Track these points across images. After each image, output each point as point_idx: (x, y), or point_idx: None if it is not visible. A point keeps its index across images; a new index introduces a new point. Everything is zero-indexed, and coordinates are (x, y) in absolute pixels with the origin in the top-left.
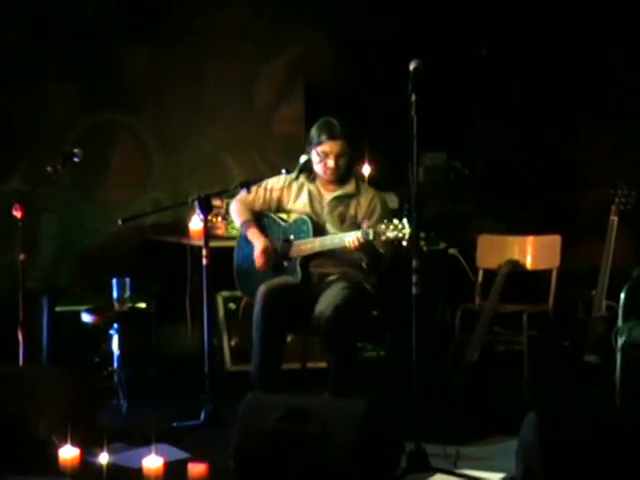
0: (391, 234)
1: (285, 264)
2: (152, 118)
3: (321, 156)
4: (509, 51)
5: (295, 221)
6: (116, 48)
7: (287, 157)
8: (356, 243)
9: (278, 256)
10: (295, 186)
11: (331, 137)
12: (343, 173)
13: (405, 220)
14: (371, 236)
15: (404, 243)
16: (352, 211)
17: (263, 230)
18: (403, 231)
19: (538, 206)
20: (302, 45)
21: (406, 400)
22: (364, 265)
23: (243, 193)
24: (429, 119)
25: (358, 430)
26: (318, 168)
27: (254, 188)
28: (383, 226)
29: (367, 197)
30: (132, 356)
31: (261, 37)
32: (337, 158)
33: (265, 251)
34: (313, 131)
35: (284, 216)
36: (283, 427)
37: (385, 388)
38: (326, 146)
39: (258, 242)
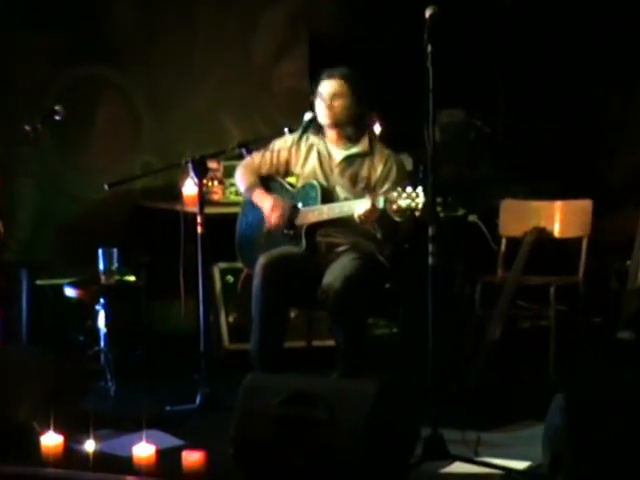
0: (403, 203)
1: (288, 232)
2: (140, 72)
3: (319, 99)
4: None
5: (303, 186)
6: None
7: (290, 115)
8: (368, 214)
9: (285, 222)
10: (304, 146)
11: (328, 76)
12: (343, 120)
13: (420, 188)
14: (381, 204)
15: (417, 213)
16: (365, 172)
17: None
18: (417, 200)
19: (567, 168)
20: None
21: (422, 382)
22: (378, 236)
23: (248, 158)
24: (446, 72)
25: (369, 414)
26: (320, 115)
27: (259, 152)
28: (395, 193)
29: (382, 157)
30: (120, 334)
31: None
32: (332, 98)
33: (276, 205)
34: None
35: (293, 180)
36: (286, 411)
37: (398, 368)
38: (322, 85)
39: (267, 200)
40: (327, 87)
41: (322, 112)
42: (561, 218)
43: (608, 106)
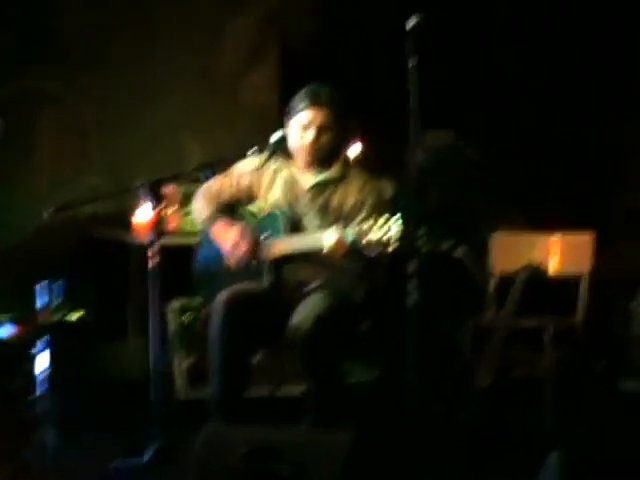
0: (375, 236)
1: (252, 267)
2: (89, 85)
3: (299, 127)
4: (534, 5)
5: (268, 215)
6: (49, 1)
7: (259, 133)
8: (334, 249)
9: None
10: (268, 171)
11: (314, 103)
12: (327, 152)
13: (394, 218)
14: (350, 237)
15: (390, 247)
16: (336, 201)
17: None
18: (389, 233)
19: (565, 198)
20: None
21: (402, 434)
22: (349, 274)
23: (205, 185)
24: (433, 89)
25: (341, 471)
26: (295, 145)
27: (218, 177)
28: (365, 225)
29: (357, 184)
30: (62, 380)
31: None
32: (320, 130)
33: (244, 233)
34: (293, 99)
35: (255, 208)
36: (249, 467)
37: (376, 418)
38: (306, 114)
39: (229, 230)
40: (313, 118)
41: (305, 147)
42: (558, 253)
43: (612, 130)
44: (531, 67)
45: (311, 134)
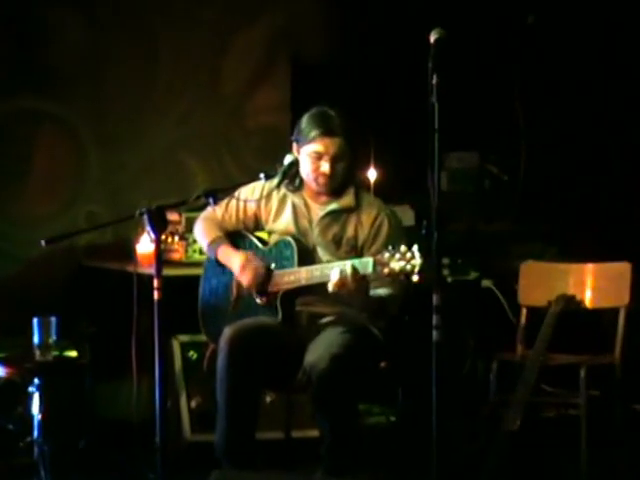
0: (396, 265)
1: (261, 301)
2: (87, 105)
3: (312, 157)
4: (564, 18)
5: (276, 244)
6: (40, 14)
7: (267, 158)
8: (340, 284)
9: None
10: (276, 197)
11: (327, 132)
12: (341, 182)
13: (416, 247)
14: (370, 267)
15: (414, 278)
16: (350, 231)
17: None
18: (412, 262)
19: (601, 224)
20: (287, 9)
21: None
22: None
23: (209, 209)
24: (456, 108)
25: None
26: (307, 173)
27: (223, 202)
28: (387, 254)
29: (370, 213)
30: (58, 422)
31: None
32: (334, 160)
33: (249, 262)
34: (303, 124)
35: (264, 236)
36: None
37: (396, 465)
38: (320, 144)
39: (236, 257)
40: (328, 148)
41: (319, 177)
42: (594, 284)
43: None
44: (559, 82)
45: (327, 165)
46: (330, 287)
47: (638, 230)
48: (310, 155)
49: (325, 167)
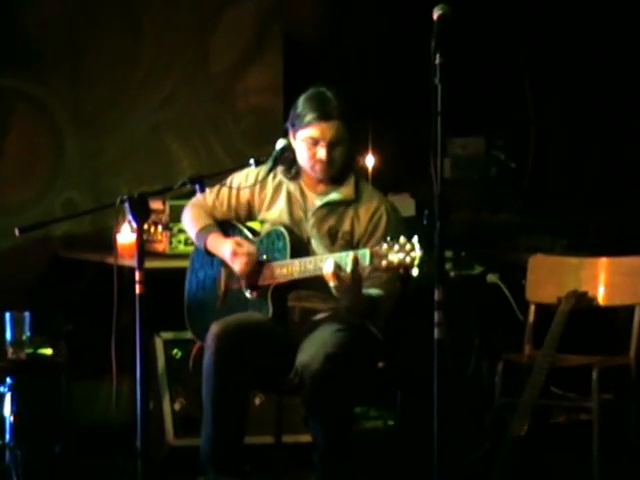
0: (395, 257)
1: (251, 295)
2: (66, 87)
3: (308, 143)
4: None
5: (268, 234)
6: None
7: (258, 142)
8: (334, 277)
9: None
10: (271, 185)
11: (323, 116)
12: (340, 169)
13: (416, 238)
14: (367, 260)
15: (413, 272)
16: (347, 225)
17: None
18: (412, 254)
19: (615, 216)
20: None
21: None
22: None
23: (199, 196)
24: (460, 90)
25: None
26: (303, 160)
27: (213, 190)
28: (385, 246)
29: (369, 207)
30: (32, 425)
31: None
32: (331, 146)
33: (240, 247)
34: (298, 108)
35: (256, 226)
36: None
37: (394, 473)
38: (316, 129)
39: (226, 243)
40: (325, 132)
41: (316, 164)
42: (607, 280)
43: None
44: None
45: (323, 151)
46: (330, 282)
47: None
48: (306, 141)
49: (322, 153)
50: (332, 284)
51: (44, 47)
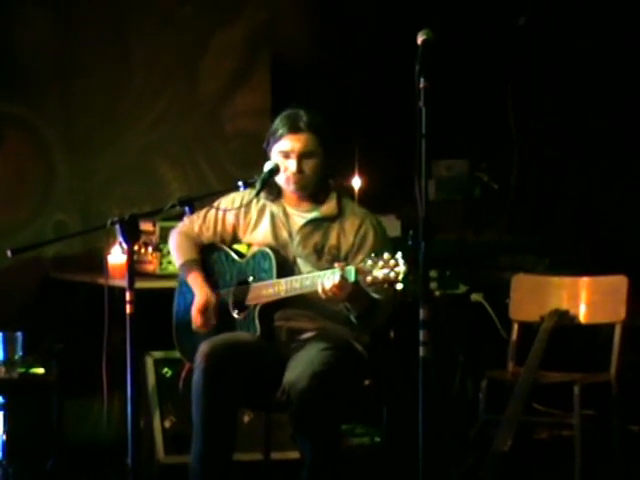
0: (380, 273)
1: (238, 315)
2: (55, 109)
3: (281, 157)
4: (557, 20)
5: (254, 255)
6: (3, 10)
7: (246, 164)
8: (336, 290)
9: (229, 305)
10: (255, 208)
11: (292, 129)
12: (313, 182)
13: (399, 254)
14: (352, 276)
15: (398, 286)
16: (333, 240)
17: (212, 268)
18: (396, 269)
19: (596, 236)
20: (267, 7)
21: None
22: (353, 319)
23: (186, 221)
24: (445, 114)
25: None
26: (280, 177)
27: (199, 214)
28: (370, 262)
29: (354, 221)
30: (24, 442)
31: None
32: (301, 157)
33: (205, 308)
34: (273, 125)
35: (243, 248)
36: None
37: None
38: (286, 141)
39: (198, 293)
40: (293, 145)
41: (287, 176)
42: (589, 299)
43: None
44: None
45: (293, 163)
46: (321, 294)
47: (634, 242)
48: (278, 155)
49: (292, 164)
50: (326, 297)
51: (35, 70)
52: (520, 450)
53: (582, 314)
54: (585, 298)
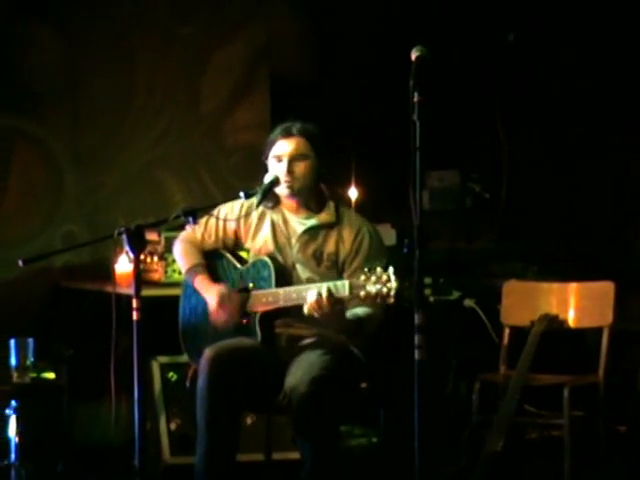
0: (372, 288)
1: (242, 320)
2: (64, 125)
3: (275, 162)
4: (545, 36)
5: (254, 264)
6: (15, 31)
7: (246, 176)
8: (315, 306)
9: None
10: (255, 215)
11: (284, 134)
12: (305, 186)
13: (391, 270)
14: (346, 290)
15: (390, 301)
16: (331, 247)
17: (215, 274)
18: (388, 285)
19: (584, 244)
20: (266, 27)
21: None
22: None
23: (189, 230)
24: (437, 126)
25: None
26: (279, 187)
27: (202, 220)
28: (363, 277)
29: (352, 229)
30: (36, 445)
31: (209, 15)
32: (292, 160)
33: (222, 300)
34: (269, 136)
35: (244, 255)
36: None
37: None
38: (278, 145)
39: (211, 292)
40: (285, 148)
41: (283, 180)
42: (577, 304)
43: (634, 166)
44: (541, 99)
45: (284, 165)
46: (305, 310)
47: (621, 249)
48: (272, 160)
49: (283, 167)
50: (314, 313)
51: (44, 88)
52: (511, 450)
53: (571, 319)
54: (574, 303)
